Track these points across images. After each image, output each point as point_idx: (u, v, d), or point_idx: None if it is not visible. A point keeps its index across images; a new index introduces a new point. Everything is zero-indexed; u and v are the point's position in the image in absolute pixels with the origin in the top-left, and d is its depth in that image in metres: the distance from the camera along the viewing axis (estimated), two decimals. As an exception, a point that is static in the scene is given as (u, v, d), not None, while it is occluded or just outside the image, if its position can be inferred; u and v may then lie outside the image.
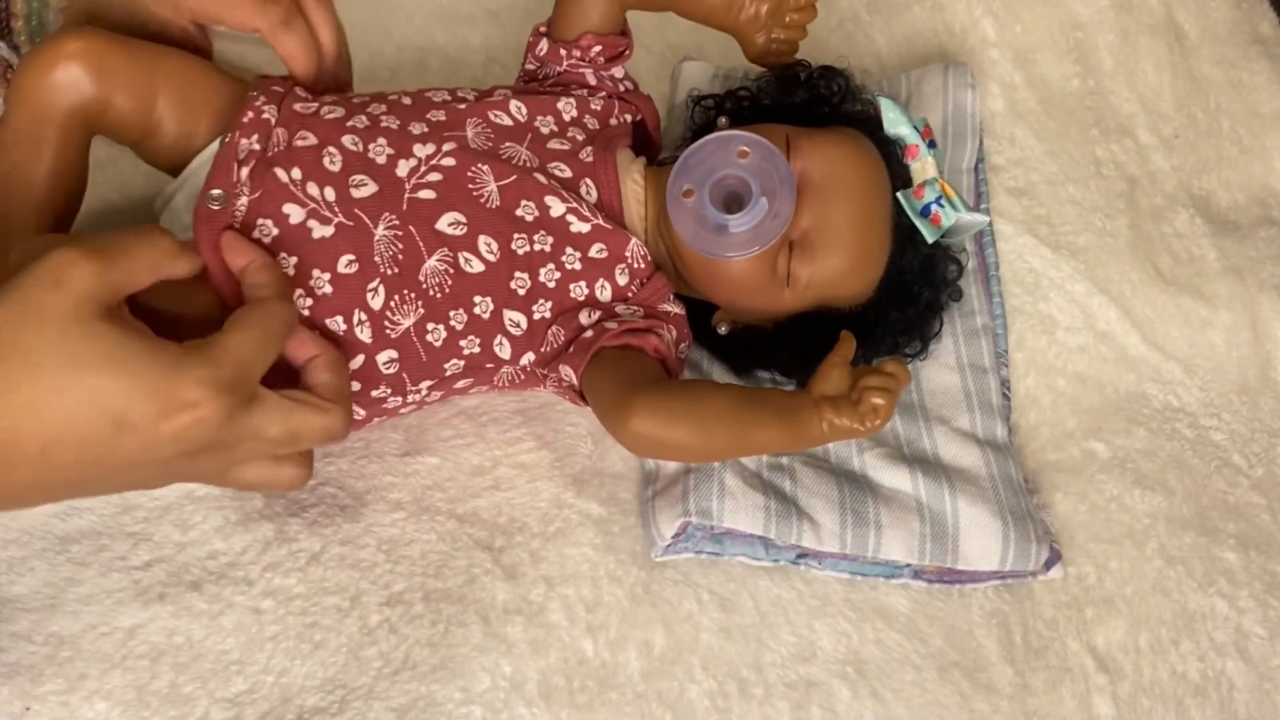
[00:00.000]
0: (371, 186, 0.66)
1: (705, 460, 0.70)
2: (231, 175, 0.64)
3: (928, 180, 0.76)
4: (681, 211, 0.69)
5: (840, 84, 0.80)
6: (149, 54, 0.65)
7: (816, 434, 0.64)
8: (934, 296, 0.79)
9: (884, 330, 0.77)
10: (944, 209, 0.75)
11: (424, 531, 0.70)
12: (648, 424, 0.63)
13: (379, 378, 0.67)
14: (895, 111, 0.77)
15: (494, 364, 0.69)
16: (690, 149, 0.71)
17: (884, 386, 0.63)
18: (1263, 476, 0.84)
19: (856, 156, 0.73)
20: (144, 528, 0.67)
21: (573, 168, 0.71)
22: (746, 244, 0.69)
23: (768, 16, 0.76)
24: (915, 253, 0.76)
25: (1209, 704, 0.73)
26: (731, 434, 0.65)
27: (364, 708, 0.64)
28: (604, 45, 0.75)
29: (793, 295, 0.72)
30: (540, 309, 0.69)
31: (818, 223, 0.71)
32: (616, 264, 0.71)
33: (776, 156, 0.69)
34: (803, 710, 0.68)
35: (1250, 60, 1.03)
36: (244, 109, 0.66)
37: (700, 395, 0.66)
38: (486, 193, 0.68)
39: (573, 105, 0.74)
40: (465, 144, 0.69)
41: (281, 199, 0.64)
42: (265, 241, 0.63)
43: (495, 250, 0.67)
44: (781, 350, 0.76)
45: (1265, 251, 0.93)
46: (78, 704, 0.61)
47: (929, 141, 0.77)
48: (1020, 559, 0.74)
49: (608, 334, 0.67)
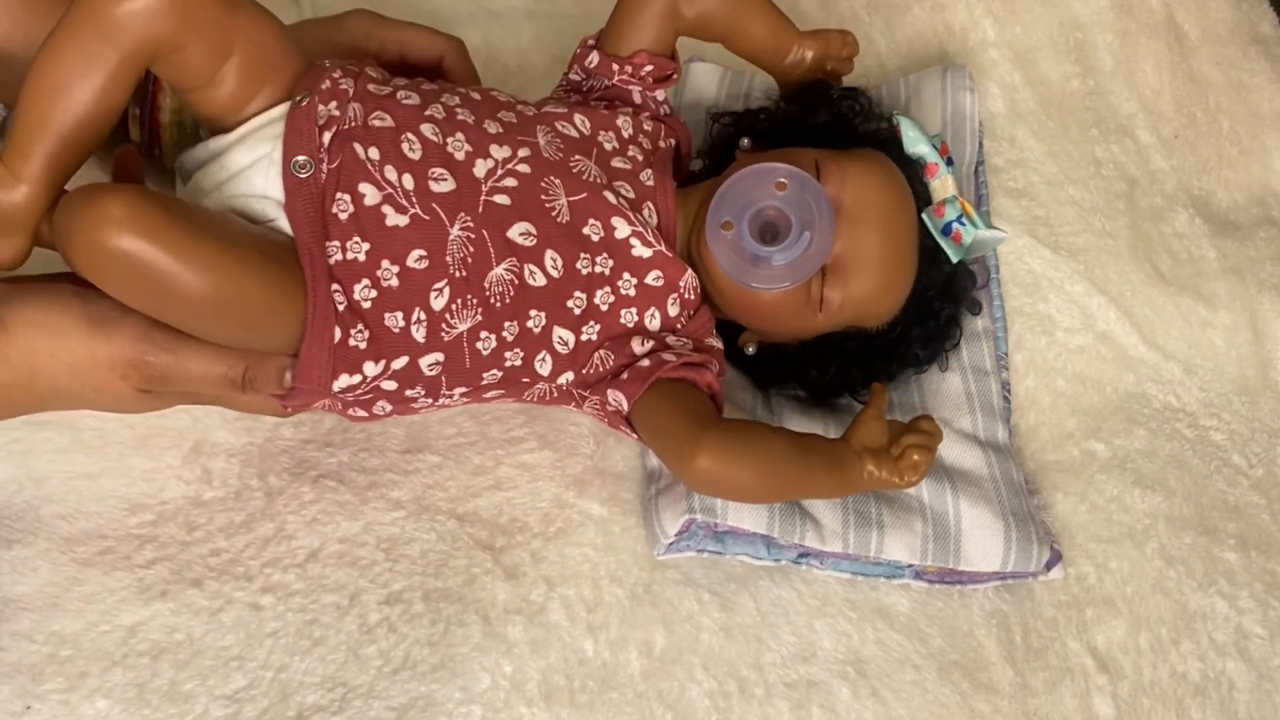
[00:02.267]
0: (450, 183, 0.64)
1: (758, 501, 0.70)
2: (314, 139, 0.62)
3: (948, 199, 0.76)
4: (720, 243, 0.69)
5: (862, 103, 0.80)
6: (239, 9, 0.61)
7: (859, 483, 0.68)
8: (954, 311, 0.80)
9: (906, 345, 0.78)
10: (965, 227, 0.76)
11: (424, 531, 0.70)
12: (715, 464, 0.64)
13: (419, 379, 0.66)
14: (914, 130, 0.77)
15: (530, 379, 0.69)
16: (728, 182, 0.70)
17: (923, 445, 0.67)
18: (1263, 476, 0.84)
19: (885, 181, 0.74)
20: (150, 530, 0.67)
21: (636, 190, 0.71)
22: (786, 277, 0.69)
23: (812, 64, 0.79)
24: (939, 271, 0.77)
25: (1209, 704, 0.73)
26: (790, 479, 0.67)
27: (364, 706, 0.64)
28: (656, 66, 0.76)
29: (825, 319, 0.73)
30: (589, 331, 0.69)
31: (850, 248, 0.71)
32: (670, 293, 0.71)
33: (815, 187, 0.70)
34: (803, 710, 0.68)
35: (1250, 60, 1.03)
36: (320, 75, 0.64)
37: (764, 439, 0.67)
38: (558, 206, 0.67)
39: (629, 123, 0.74)
40: (539, 151, 0.68)
41: (359, 176, 0.62)
42: (341, 218, 0.62)
43: (560, 267, 0.67)
44: (808, 369, 0.77)
45: (1265, 251, 0.93)
46: (78, 702, 0.61)
47: (947, 159, 0.78)
48: (1022, 560, 0.74)
49: (666, 366, 0.68)
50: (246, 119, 0.64)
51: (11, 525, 0.66)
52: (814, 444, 0.68)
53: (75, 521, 0.67)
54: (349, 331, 0.62)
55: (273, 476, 0.71)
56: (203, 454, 0.70)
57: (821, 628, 0.72)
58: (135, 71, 0.59)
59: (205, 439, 0.70)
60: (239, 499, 0.70)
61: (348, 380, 0.63)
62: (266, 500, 0.70)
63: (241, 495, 0.70)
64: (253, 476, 0.70)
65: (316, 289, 0.61)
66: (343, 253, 0.62)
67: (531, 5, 0.98)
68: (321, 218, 0.62)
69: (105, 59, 0.57)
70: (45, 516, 0.67)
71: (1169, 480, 0.82)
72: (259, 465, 0.71)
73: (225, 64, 0.62)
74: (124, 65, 0.58)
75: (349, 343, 0.62)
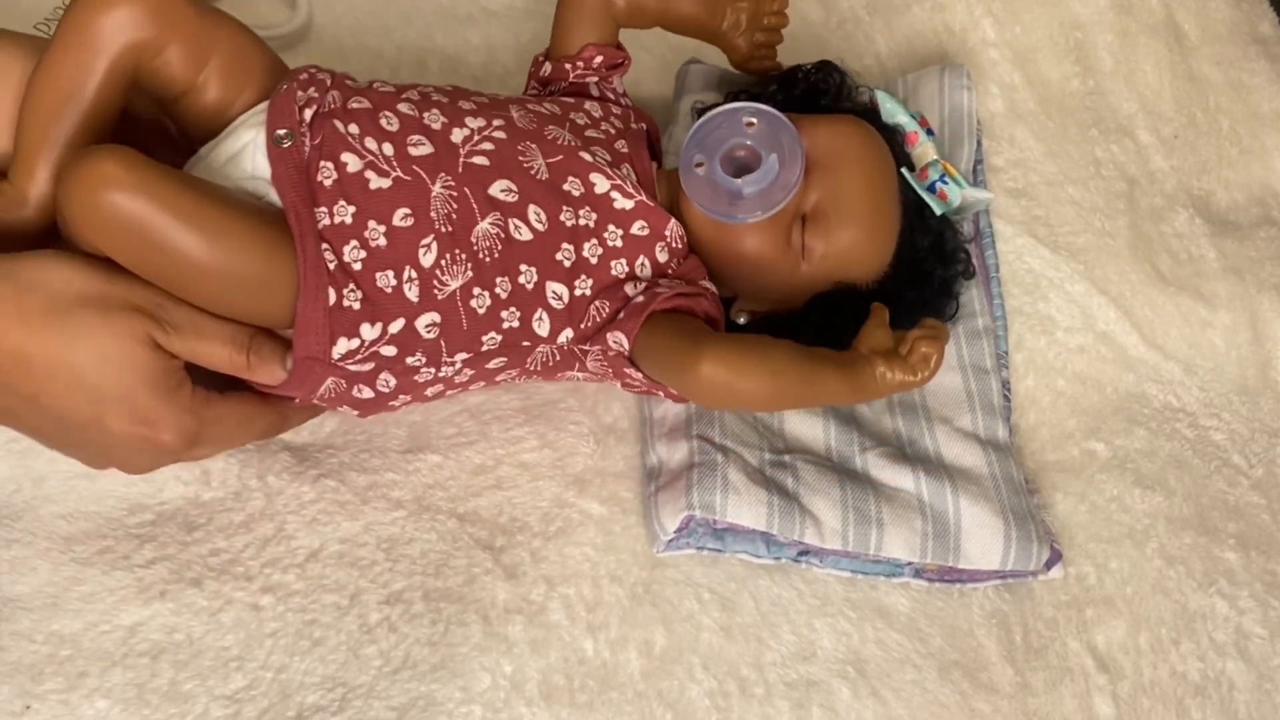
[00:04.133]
0: (429, 147, 0.66)
1: (770, 409, 0.71)
2: (294, 116, 0.65)
3: (930, 162, 0.78)
4: (695, 181, 0.71)
5: (836, 78, 0.83)
6: (212, 16, 0.65)
7: (874, 385, 0.66)
8: (947, 273, 0.80)
9: (901, 311, 0.77)
10: (948, 185, 0.77)
11: (424, 530, 0.70)
12: (720, 370, 0.64)
13: (417, 342, 0.66)
14: (892, 103, 0.79)
15: (530, 341, 0.69)
16: (699, 122, 0.73)
17: (930, 335, 0.66)
18: (1263, 476, 0.84)
19: (860, 132, 0.76)
20: (149, 530, 0.67)
21: (612, 154, 0.73)
22: (758, 206, 0.70)
23: (748, 22, 0.81)
24: (925, 229, 0.78)
25: (1209, 704, 0.73)
26: (799, 381, 0.66)
27: (364, 706, 0.64)
28: (605, 56, 0.78)
29: (809, 269, 0.74)
30: (582, 285, 0.70)
31: (828, 195, 0.73)
32: (657, 241, 0.72)
33: (782, 121, 0.72)
34: (803, 710, 0.68)
35: (1250, 60, 1.03)
36: (296, 71, 0.68)
37: (768, 344, 0.67)
38: (536, 166, 0.69)
39: (598, 107, 0.76)
40: (513, 122, 0.70)
41: (340, 148, 0.65)
42: (326, 185, 0.63)
43: (544, 220, 0.68)
44: (801, 338, 0.77)
45: (1265, 251, 0.93)
46: (78, 702, 0.61)
47: (927, 129, 0.79)
48: (1021, 559, 0.74)
49: (659, 297, 0.68)
50: (231, 120, 0.66)
51: (11, 525, 0.66)
52: (822, 351, 0.68)
53: (75, 521, 0.67)
54: (342, 292, 0.63)
55: (272, 476, 0.71)
56: (202, 454, 0.71)
57: (821, 627, 0.72)
58: (125, 78, 0.63)
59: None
60: (239, 499, 0.70)
61: (346, 345, 0.64)
62: (266, 500, 0.70)
63: (241, 495, 0.70)
64: (252, 477, 0.70)
65: (305, 247, 0.62)
66: (330, 217, 0.63)
67: (531, 5, 0.98)
68: (308, 184, 0.63)
69: (95, 68, 0.62)
70: (45, 516, 0.67)
71: (1169, 480, 0.82)
72: (258, 465, 0.71)
73: (206, 68, 0.65)
74: (113, 71, 0.62)
75: (343, 304, 0.63)
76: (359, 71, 0.76)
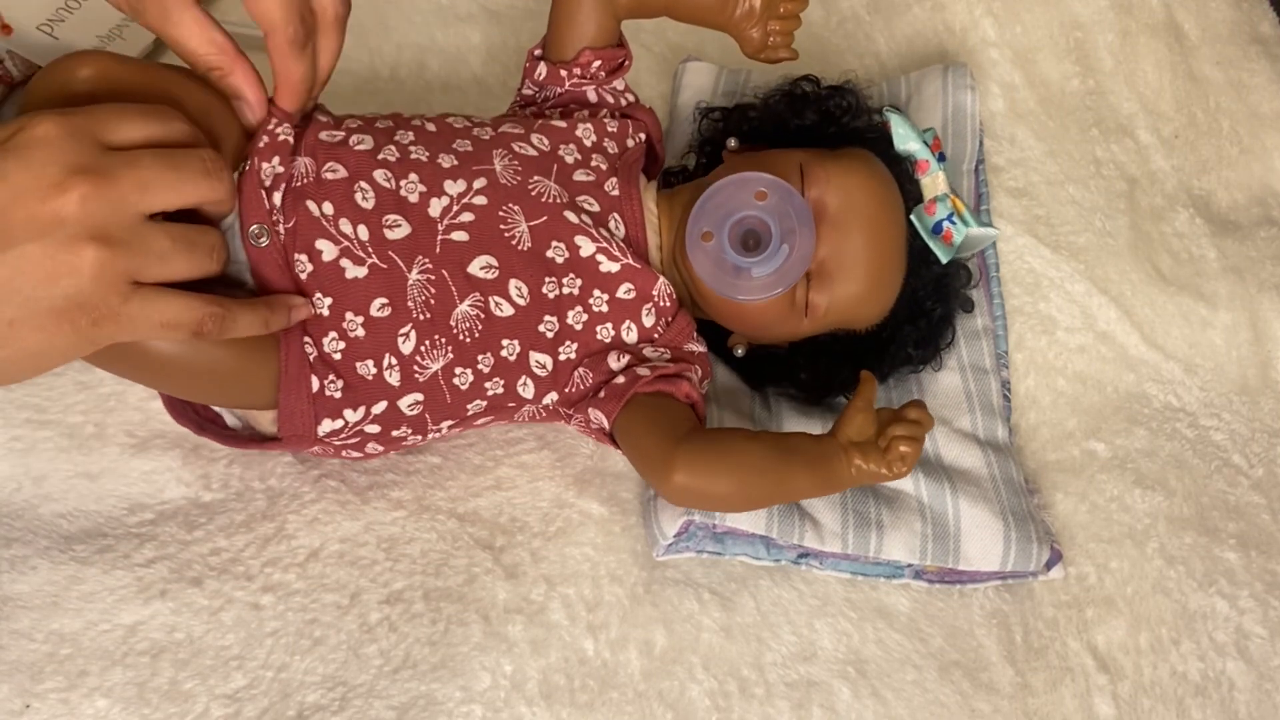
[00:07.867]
0: (405, 228, 0.65)
1: (740, 510, 0.69)
2: (263, 204, 0.62)
3: (938, 196, 0.76)
4: (701, 254, 0.69)
5: (850, 101, 0.80)
6: (163, 75, 0.61)
7: (846, 479, 0.65)
8: (946, 309, 0.80)
9: (898, 345, 0.77)
10: (955, 225, 0.76)
11: (424, 530, 0.70)
12: (691, 479, 0.64)
13: (402, 419, 0.66)
14: (905, 127, 0.77)
15: (516, 403, 0.69)
16: (708, 191, 0.70)
17: (911, 435, 0.63)
18: (1263, 476, 0.84)
19: (871, 183, 0.73)
20: (150, 529, 0.67)
21: (600, 202, 0.70)
22: (767, 288, 0.69)
23: (762, 10, 0.74)
24: (929, 272, 0.77)
25: (1209, 704, 0.73)
26: (768, 485, 0.66)
27: (364, 705, 0.64)
28: (603, 59, 0.75)
29: (811, 323, 0.73)
30: (566, 350, 0.69)
31: (834, 253, 0.71)
32: (643, 304, 0.70)
33: (794, 197, 0.69)
34: (803, 710, 0.68)
35: (1250, 60, 1.03)
36: (258, 134, 0.64)
37: (738, 449, 0.65)
38: (518, 234, 0.67)
39: (591, 131, 0.73)
40: (495, 180, 0.68)
41: (314, 234, 0.63)
42: (302, 278, 0.63)
43: (526, 294, 0.67)
44: (798, 370, 0.77)
45: (1265, 251, 0.93)
46: (77, 701, 0.61)
47: (939, 155, 0.77)
48: (1021, 559, 0.74)
49: (641, 381, 0.67)
50: None
51: (11, 523, 0.66)
52: (797, 444, 0.66)
53: (75, 520, 0.67)
54: (324, 382, 0.63)
55: (273, 478, 0.71)
56: (203, 456, 0.70)
57: (822, 627, 0.72)
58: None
59: (206, 441, 0.70)
60: (239, 499, 0.70)
61: (331, 425, 0.64)
62: (267, 500, 0.70)
63: (242, 496, 0.70)
64: (254, 478, 0.70)
65: (289, 343, 0.62)
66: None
67: (531, 5, 0.98)
68: (290, 279, 0.62)
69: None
70: (45, 515, 0.67)
71: (1169, 480, 0.82)
72: (259, 466, 0.71)
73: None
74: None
75: (325, 393, 0.63)
76: (359, 71, 0.76)
